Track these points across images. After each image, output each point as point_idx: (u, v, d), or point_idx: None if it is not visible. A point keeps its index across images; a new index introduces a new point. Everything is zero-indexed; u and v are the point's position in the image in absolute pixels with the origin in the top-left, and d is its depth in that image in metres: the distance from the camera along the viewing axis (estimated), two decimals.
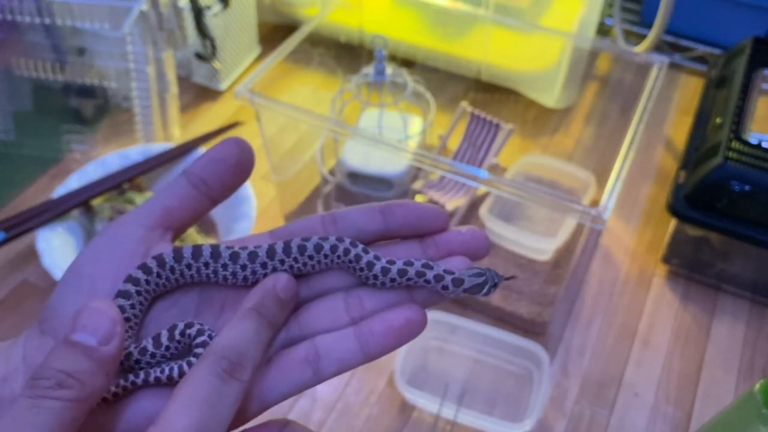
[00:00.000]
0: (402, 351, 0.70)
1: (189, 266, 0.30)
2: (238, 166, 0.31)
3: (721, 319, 0.79)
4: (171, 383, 0.28)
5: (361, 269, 0.29)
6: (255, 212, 0.77)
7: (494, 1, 0.95)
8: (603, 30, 1.12)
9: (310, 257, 0.30)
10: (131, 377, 0.28)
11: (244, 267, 0.30)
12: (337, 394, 0.71)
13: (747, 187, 0.72)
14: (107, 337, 0.26)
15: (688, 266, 0.81)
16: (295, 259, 0.30)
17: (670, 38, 1.11)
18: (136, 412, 0.28)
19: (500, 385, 0.72)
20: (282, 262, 0.30)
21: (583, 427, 0.69)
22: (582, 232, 0.75)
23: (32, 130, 0.91)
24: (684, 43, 1.11)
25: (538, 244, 0.80)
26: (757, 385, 0.47)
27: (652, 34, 0.93)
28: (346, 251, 0.30)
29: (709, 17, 1.06)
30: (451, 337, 0.74)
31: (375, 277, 0.29)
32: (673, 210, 0.77)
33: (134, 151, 0.83)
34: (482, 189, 0.81)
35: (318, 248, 0.30)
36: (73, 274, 0.30)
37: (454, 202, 0.84)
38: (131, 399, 0.28)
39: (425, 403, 0.68)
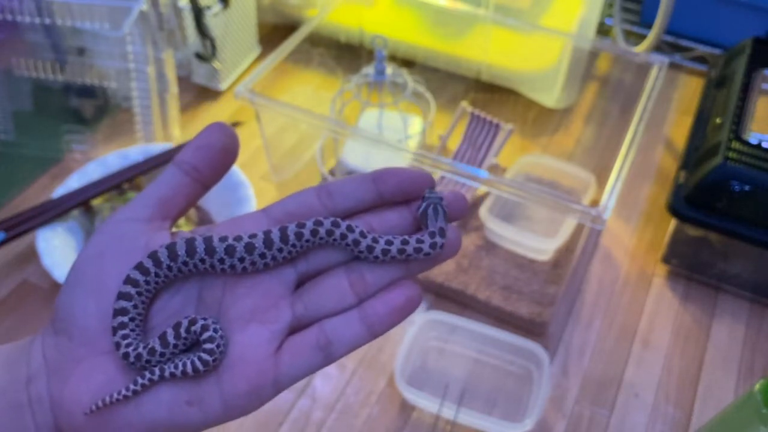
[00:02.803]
0: (402, 351, 0.70)
1: (185, 263, 0.30)
2: (225, 149, 0.32)
3: (721, 319, 0.79)
4: (186, 377, 0.29)
5: (360, 252, 0.30)
6: None
7: (494, 1, 0.95)
8: (603, 30, 1.12)
9: (307, 241, 0.30)
10: (147, 374, 0.29)
11: (242, 259, 0.30)
12: (337, 394, 0.71)
13: (747, 187, 0.72)
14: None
15: (688, 266, 0.81)
16: (293, 245, 0.30)
17: (670, 38, 1.11)
18: (157, 405, 0.29)
19: (500, 385, 0.72)
20: (280, 250, 0.30)
21: (583, 427, 0.69)
22: (582, 232, 0.75)
23: (32, 130, 0.91)
24: (684, 43, 1.11)
25: (538, 244, 0.80)
26: (757, 385, 0.47)
27: (652, 34, 0.93)
28: (343, 236, 0.30)
29: (709, 17, 1.06)
30: (451, 337, 0.74)
31: (375, 258, 0.31)
32: (673, 210, 0.77)
33: (134, 151, 0.83)
34: (482, 189, 0.81)
35: (314, 233, 0.30)
36: (78, 274, 0.30)
37: None
38: (150, 393, 0.29)
39: (425, 403, 0.68)
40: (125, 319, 0.29)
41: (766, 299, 0.80)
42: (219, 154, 0.32)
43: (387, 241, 0.30)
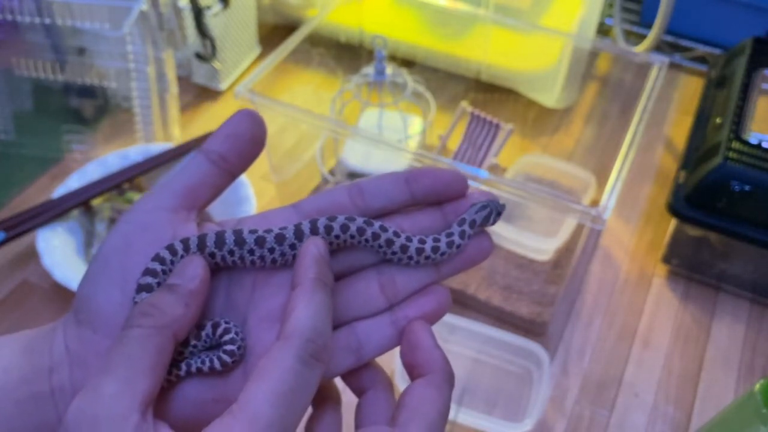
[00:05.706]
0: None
1: (212, 255, 0.30)
2: (253, 138, 0.31)
3: (721, 319, 0.79)
4: (213, 373, 0.29)
5: (394, 252, 0.30)
6: (255, 212, 0.77)
7: (494, 1, 0.95)
8: (603, 30, 1.12)
9: (337, 237, 0.30)
10: (173, 370, 0.29)
11: (272, 250, 0.30)
12: None
13: (747, 187, 0.72)
14: (190, 277, 0.29)
15: (688, 266, 0.81)
16: (323, 238, 0.30)
17: (670, 38, 1.11)
18: (183, 402, 0.29)
19: (500, 385, 0.72)
20: None
21: (583, 427, 0.69)
22: (582, 232, 0.75)
23: (32, 130, 0.91)
24: (684, 43, 1.11)
25: (538, 244, 0.80)
26: (757, 385, 0.47)
27: (652, 34, 0.93)
28: (375, 236, 0.30)
29: (709, 17, 1.06)
30: (451, 337, 0.74)
31: (409, 258, 0.30)
32: (673, 210, 0.77)
33: (134, 151, 0.83)
34: (482, 189, 0.81)
35: (345, 228, 0.30)
36: (103, 263, 0.30)
37: None
38: (176, 390, 0.29)
39: None
40: (148, 295, 0.29)
41: (766, 299, 0.80)
42: (248, 143, 0.31)
43: (420, 239, 0.30)
